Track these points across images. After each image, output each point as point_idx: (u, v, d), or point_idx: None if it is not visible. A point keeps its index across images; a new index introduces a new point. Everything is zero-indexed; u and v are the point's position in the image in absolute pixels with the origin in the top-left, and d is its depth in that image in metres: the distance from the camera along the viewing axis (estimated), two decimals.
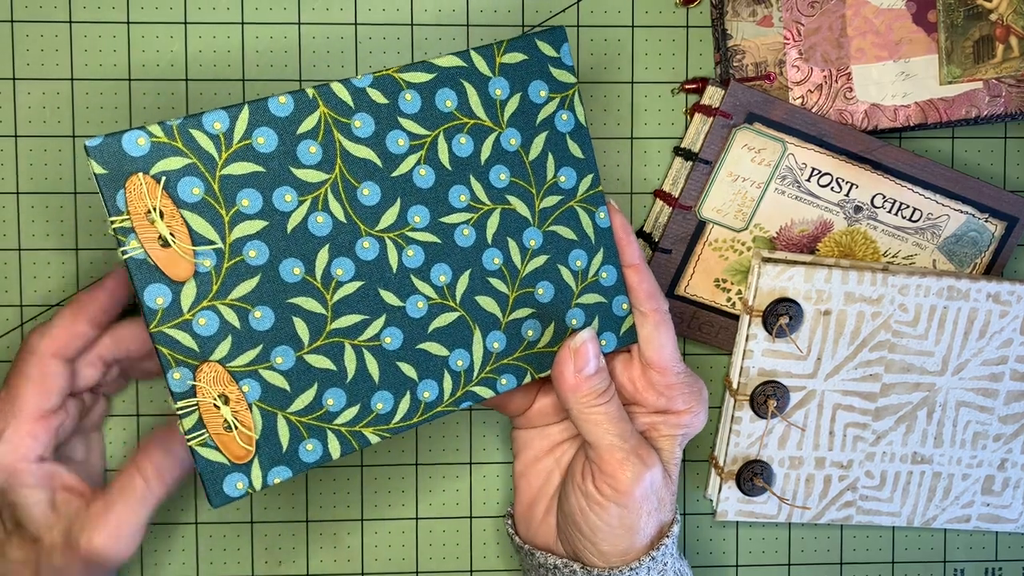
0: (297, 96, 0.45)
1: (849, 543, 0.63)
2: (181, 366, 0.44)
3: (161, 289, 0.44)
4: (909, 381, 0.59)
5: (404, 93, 0.47)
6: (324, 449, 0.47)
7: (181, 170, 0.44)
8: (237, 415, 0.45)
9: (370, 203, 0.47)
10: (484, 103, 0.49)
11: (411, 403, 0.48)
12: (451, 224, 0.48)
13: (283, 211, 0.45)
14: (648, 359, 0.52)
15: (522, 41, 0.49)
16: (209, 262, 0.44)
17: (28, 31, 0.56)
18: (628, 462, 0.50)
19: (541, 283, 0.50)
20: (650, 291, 0.52)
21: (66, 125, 0.56)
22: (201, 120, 0.44)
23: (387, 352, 0.48)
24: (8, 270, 0.57)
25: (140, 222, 0.43)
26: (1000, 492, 0.61)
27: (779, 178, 0.58)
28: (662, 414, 0.52)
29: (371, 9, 0.57)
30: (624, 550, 0.51)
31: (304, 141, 0.46)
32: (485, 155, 0.49)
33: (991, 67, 0.58)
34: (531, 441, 0.56)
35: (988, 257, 0.60)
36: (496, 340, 0.50)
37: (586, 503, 0.51)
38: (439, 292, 0.49)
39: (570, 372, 0.49)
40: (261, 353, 0.46)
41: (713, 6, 0.58)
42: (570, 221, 0.51)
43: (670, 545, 0.52)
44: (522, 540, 0.55)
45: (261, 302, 0.45)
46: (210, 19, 0.56)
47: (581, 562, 0.52)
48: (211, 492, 0.45)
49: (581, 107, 0.50)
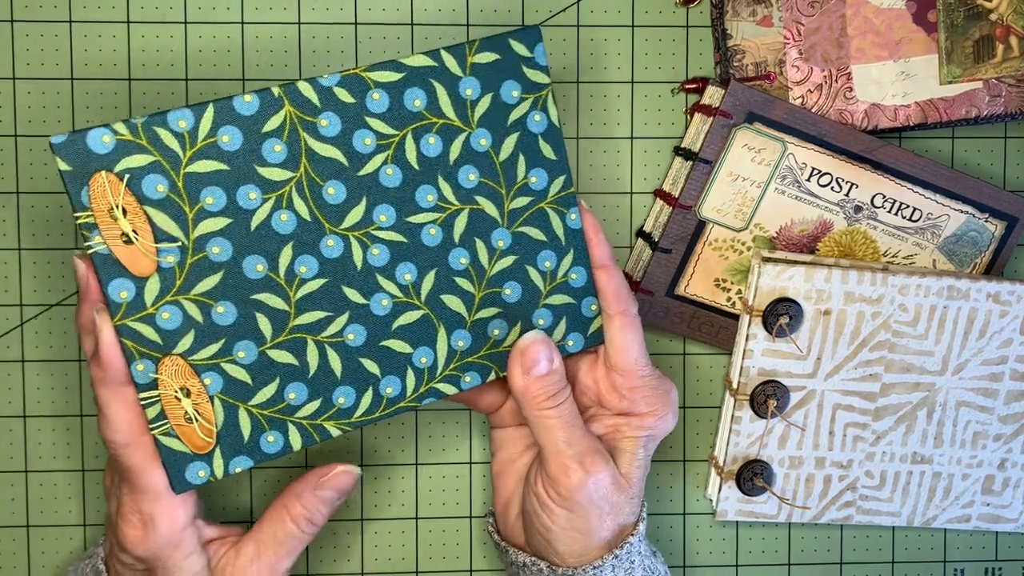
0: (263, 95, 0.46)
1: (849, 543, 0.63)
2: (144, 358, 0.46)
3: (125, 284, 0.45)
4: (909, 381, 0.59)
5: (372, 92, 0.47)
6: (285, 441, 0.48)
7: (146, 167, 0.44)
8: (198, 407, 0.47)
9: (335, 202, 0.47)
10: (454, 103, 0.49)
11: (373, 398, 0.49)
12: (418, 224, 0.49)
13: (247, 209, 0.46)
14: (612, 361, 0.52)
15: (495, 41, 0.49)
16: (172, 258, 0.45)
17: (28, 31, 0.56)
18: (570, 468, 0.50)
19: (508, 283, 0.51)
20: (618, 292, 0.51)
21: (66, 125, 0.56)
22: (166, 118, 0.45)
23: (350, 348, 0.49)
24: (8, 270, 0.57)
25: (103, 219, 0.44)
26: (1000, 492, 0.61)
27: (779, 178, 0.58)
28: (625, 416, 0.52)
29: (371, 9, 0.57)
30: (579, 552, 0.51)
31: (269, 140, 0.46)
32: (454, 155, 0.49)
33: (991, 67, 0.58)
34: (507, 441, 0.56)
35: (988, 257, 0.60)
36: (461, 338, 0.50)
37: (538, 505, 0.51)
38: (404, 291, 0.49)
39: (519, 374, 0.50)
40: (223, 347, 0.47)
41: (713, 6, 0.58)
42: (540, 222, 0.51)
43: (636, 543, 0.52)
44: (500, 538, 0.55)
45: (224, 297, 0.46)
46: (210, 19, 0.56)
47: (548, 561, 0.52)
48: (173, 479, 0.47)
49: (555, 108, 0.50)
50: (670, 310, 0.59)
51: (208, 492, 0.59)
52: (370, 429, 0.60)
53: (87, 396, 0.58)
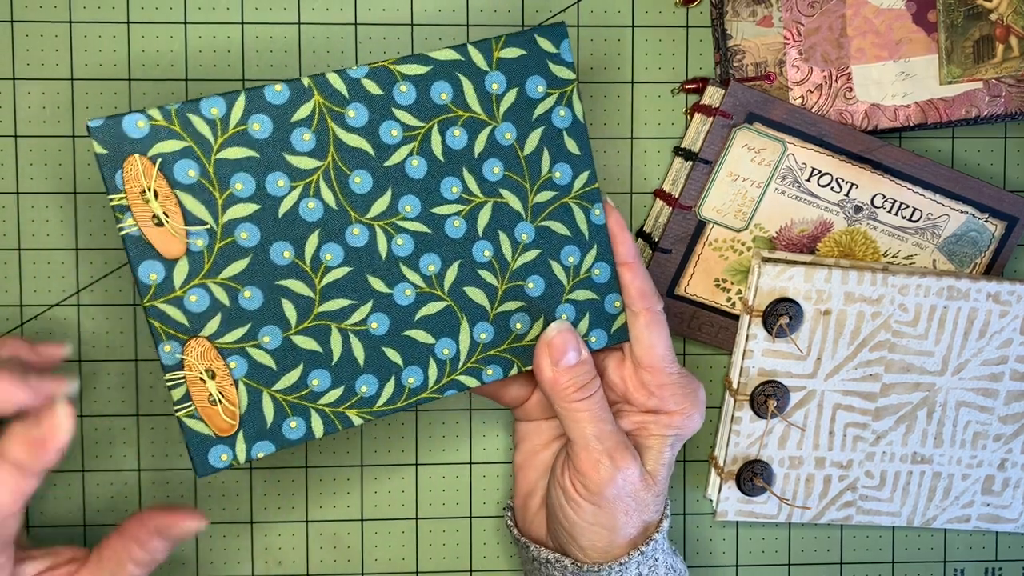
0: (293, 85, 0.47)
1: (849, 543, 0.63)
2: (171, 340, 0.46)
3: (155, 265, 0.46)
4: (909, 381, 0.59)
5: (399, 85, 0.48)
6: (307, 427, 0.49)
7: (178, 152, 0.45)
8: (222, 390, 0.47)
9: (361, 191, 0.48)
10: (480, 97, 0.49)
11: (395, 388, 0.49)
12: (442, 215, 0.49)
13: (275, 195, 0.47)
14: (638, 358, 0.52)
15: (521, 37, 0.49)
16: (202, 241, 0.46)
17: (28, 31, 0.56)
18: (601, 463, 0.50)
19: (532, 277, 0.51)
20: (643, 290, 0.51)
21: (66, 125, 0.56)
22: (199, 105, 0.45)
23: (373, 337, 0.49)
24: (8, 270, 0.57)
25: (136, 201, 0.45)
26: (1000, 492, 0.61)
27: (779, 178, 0.58)
28: (653, 414, 0.52)
29: (371, 9, 0.57)
30: (603, 548, 0.51)
31: (298, 129, 0.47)
32: (479, 148, 0.49)
33: (991, 67, 0.58)
34: (530, 433, 0.56)
35: (988, 257, 0.60)
36: (483, 331, 0.50)
37: (564, 499, 0.51)
38: (427, 281, 0.49)
39: (547, 365, 0.50)
40: (249, 331, 0.47)
41: (713, 6, 0.58)
42: (564, 217, 0.51)
43: (660, 540, 0.52)
44: (519, 533, 0.55)
45: (251, 282, 0.47)
46: (210, 19, 0.56)
47: (571, 557, 0.52)
48: (197, 462, 0.47)
49: (580, 104, 0.50)
50: (670, 310, 0.59)
51: (208, 492, 0.59)
52: (370, 429, 0.60)
53: (87, 396, 0.58)
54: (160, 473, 0.58)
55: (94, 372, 0.58)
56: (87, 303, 0.57)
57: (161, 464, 0.58)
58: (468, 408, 0.60)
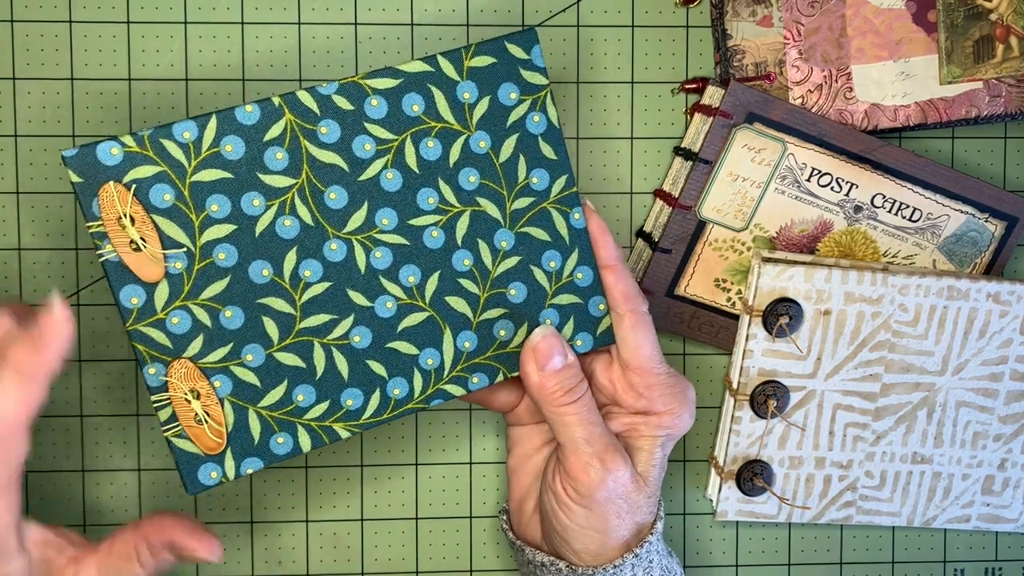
0: (263, 104, 0.47)
1: (849, 543, 0.63)
2: (156, 362, 0.47)
3: (135, 290, 0.46)
4: (909, 381, 0.59)
5: (370, 99, 0.48)
6: (295, 442, 0.49)
7: (152, 177, 0.46)
8: (207, 409, 0.48)
9: (337, 206, 0.48)
10: (452, 107, 0.49)
11: (381, 400, 0.50)
12: (419, 226, 0.49)
13: (251, 215, 0.47)
14: (625, 360, 0.52)
15: (491, 44, 0.49)
16: (180, 264, 0.47)
17: (28, 31, 0.56)
18: (591, 466, 0.50)
19: (513, 284, 0.51)
20: (626, 292, 0.51)
21: (66, 125, 0.56)
22: (171, 130, 0.46)
23: (356, 350, 0.49)
24: (8, 270, 0.57)
25: (113, 227, 0.46)
26: (1000, 492, 0.61)
27: (779, 178, 0.58)
28: (642, 415, 0.52)
29: (371, 9, 0.57)
30: (596, 551, 0.51)
31: (271, 148, 0.47)
32: (454, 158, 0.49)
33: (991, 67, 0.58)
34: (522, 438, 0.56)
35: (988, 257, 0.60)
36: (467, 340, 0.51)
37: (556, 503, 0.51)
38: (408, 292, 0.49)
39: (533, 371, 0.50)
40: (232, 351, 0.48)
41: (713, 6, 0.58)
42: (543, 222, 0.51)
43: (654, 542, 0.52)
44: (515, 536, 0.55)
45: (231, 302, 0.47)
46: (210, 19, 0.56)
47: (566, 560, 0.52)
48: (187, 481, 0.48)
49: (554, 108, 0.50)
50: (670, 310, 0.59)
51: (208, 492, 0.59)
52: (370, 430, 0.60)
53: (86, 397, 0.58)
54: (160, 473, 0.58)
55: (94, 372, 0.58)
56: (87, 303, 0.57)
57: (161, 464, 0.58)
58: (468, 408, 0.60)
